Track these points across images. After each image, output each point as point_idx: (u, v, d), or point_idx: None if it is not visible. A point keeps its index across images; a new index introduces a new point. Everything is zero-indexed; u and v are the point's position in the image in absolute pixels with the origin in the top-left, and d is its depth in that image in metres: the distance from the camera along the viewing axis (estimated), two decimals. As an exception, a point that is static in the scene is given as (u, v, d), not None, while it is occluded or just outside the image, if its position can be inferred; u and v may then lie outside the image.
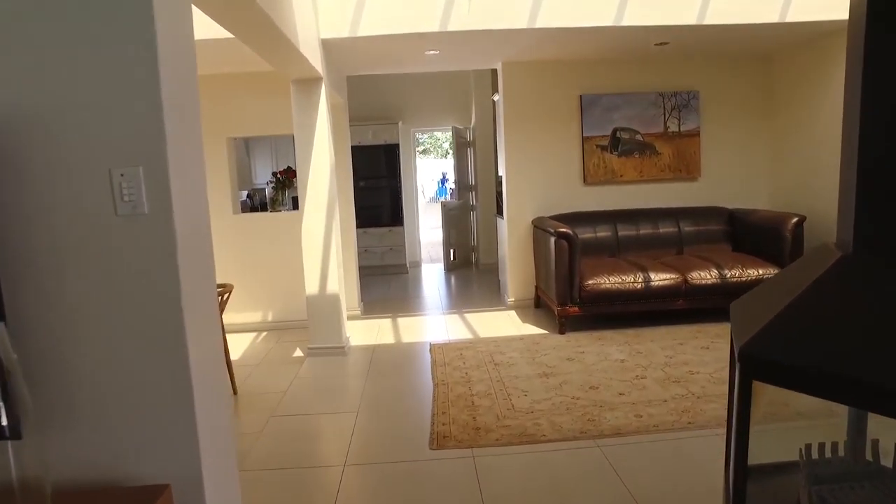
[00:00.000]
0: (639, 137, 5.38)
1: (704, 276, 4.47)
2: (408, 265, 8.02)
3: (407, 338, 4.77)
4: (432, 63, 5.17)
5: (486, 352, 4.16)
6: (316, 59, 3.86)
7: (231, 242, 5.19)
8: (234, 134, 5.17)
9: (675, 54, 5.11)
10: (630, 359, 3.84)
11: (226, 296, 3.58)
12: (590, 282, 4.41)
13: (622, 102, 5.33)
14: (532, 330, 4.74)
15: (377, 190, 7.81)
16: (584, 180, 5.40)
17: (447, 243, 7.92)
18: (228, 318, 5.26)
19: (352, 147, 7.78)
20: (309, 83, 4.06)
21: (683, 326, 4.52)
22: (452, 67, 5.67)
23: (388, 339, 4.76)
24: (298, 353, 4.48)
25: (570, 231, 4.40)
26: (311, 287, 4.25)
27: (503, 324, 5.00)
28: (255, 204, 7.18)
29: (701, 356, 3.82)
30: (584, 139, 5.35)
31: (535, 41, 4.48)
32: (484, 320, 5.18)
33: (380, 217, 7.80)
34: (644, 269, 4.51)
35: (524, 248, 5.43)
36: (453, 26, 3.99)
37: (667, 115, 5.38)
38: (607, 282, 4.42)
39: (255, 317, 5.29)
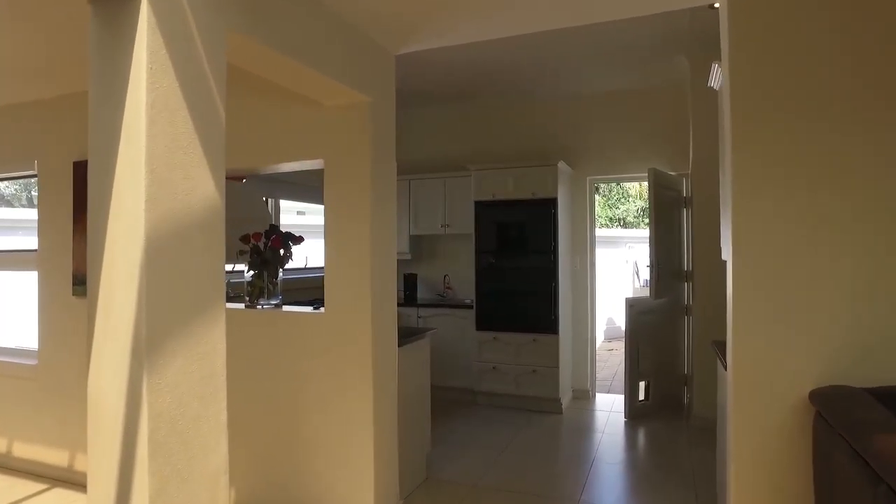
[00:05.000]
0: None
1: None
2: (563, 400, 4.80)
3: None
4: None
5: None
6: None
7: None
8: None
9: None
10: None
11: None
12: None
13: None
14: None
15: (517, 271, 4.88)
16: None
17: (633, 370, 4.55)
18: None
19: (479, 203, 5.07)
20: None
21: None
22: (609, 12, 2.53)
23: None
24: None
25: None
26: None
27: None
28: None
29: None
30: None
31: None
32: None
33: (520, 316, 4.82)
34: None
35: (781, 454, 1.99)
36: None
37: None
38: None
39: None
